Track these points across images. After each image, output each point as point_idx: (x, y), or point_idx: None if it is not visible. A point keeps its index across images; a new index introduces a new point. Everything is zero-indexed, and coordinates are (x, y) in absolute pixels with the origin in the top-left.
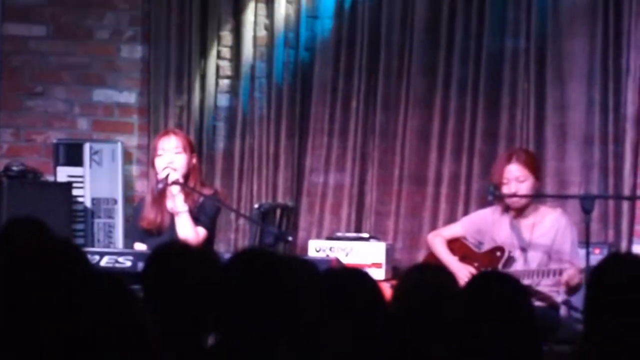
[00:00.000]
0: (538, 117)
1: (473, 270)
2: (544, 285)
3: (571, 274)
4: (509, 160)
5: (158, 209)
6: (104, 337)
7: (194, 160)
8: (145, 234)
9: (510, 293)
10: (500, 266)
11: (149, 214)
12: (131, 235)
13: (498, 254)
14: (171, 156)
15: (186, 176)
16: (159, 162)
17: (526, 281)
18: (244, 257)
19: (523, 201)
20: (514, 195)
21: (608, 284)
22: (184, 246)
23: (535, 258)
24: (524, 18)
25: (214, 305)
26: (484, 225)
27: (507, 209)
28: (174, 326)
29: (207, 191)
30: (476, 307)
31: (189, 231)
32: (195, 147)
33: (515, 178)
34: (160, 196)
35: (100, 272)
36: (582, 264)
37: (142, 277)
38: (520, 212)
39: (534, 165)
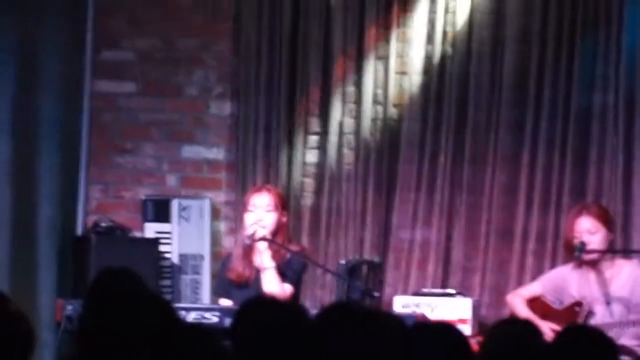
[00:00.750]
0: (626, 173)
1: (554, 327)
2: (627, 338)
3: None
4: (579, 214)
5: (246, 262)
6: None
7: (284, 219)
8: (231, 287)
9: (598, 346)
10: (580, 320)
11: (238, 267)
12: (217, 289)
13: (577, 309)
14: (261, 213)
15: (274, 233)
16: (249, 218)
17: (608, 334)
18: (333, 311)
19: (598, 254)
20: (601, 251)
21: None
22: (272, 300)
23: (615, 311)
24: (613, 73)
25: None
26: (561, 281)
27: (582, 263)
28: None
29: (294, 248)
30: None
31: (275, 287)
32: (286, 204)
33: (587, 230)
34: (248, 250)
35: (192, 325)
36: None
37: (231, 331)
38: (595, 265)
39: (606, 217)
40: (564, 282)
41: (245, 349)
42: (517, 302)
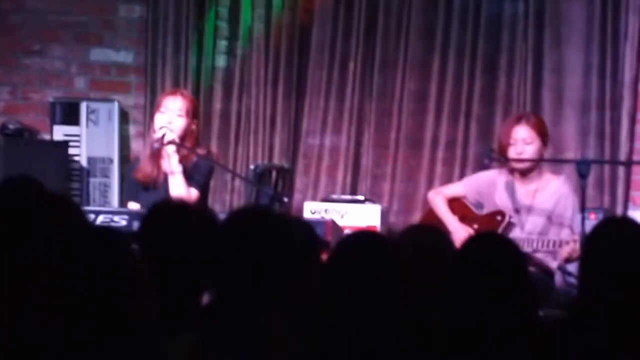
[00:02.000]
0: (535, 81)
1: (471, 232)
2: (540, 251)
3: (570, 249)
4: (517, 122)
5: (154, 163)
6: (103, 292)
7: (194, 126)
8: (139, 190)
9: (506, 256)
10: (500, 230)
11: (146, 167)
12: (125, 192)
13: (498, 218)
14: (172, 116)
15: (182, 138)
16: (159, 119)
17: (525, 248)
18: (242, 215)
19: (527, 164)
20: (511, 159)
21: (603, 248)
22: (180, 204)
23: (536, 223)
24: None
25: (211, 263)
26: (486, 187)
27: (511, 171)
28: (169, 283)
29: (200, 151)
30: (471, 268)
31: (182, 191)
32: (198, 113)
33: (522, 139)
34: (156, 152)
35: (99, 227)
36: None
37: (139, 234)
38: (524, 176)
39: (543, 129)
40: (488, 187)
41: (153, 252)
42: (438, 200)
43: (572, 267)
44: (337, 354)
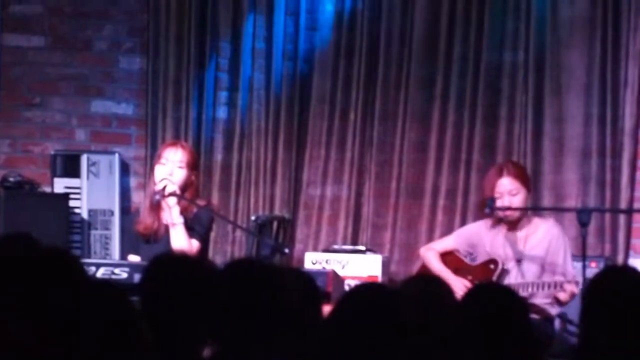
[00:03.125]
0: (536, 130)
1: (467, 283)
2: (539, 297)
3: (568, 293)
4: (500, 174)
5: (155, 216)
6: (102, 346)
7: (194, 178)
8: (140, 242)
9: (508, 305)
10: (494, 278)
11: (147, 220)
12: (125, 245)
13: (492, 266)
14: (173, 168)
15: (182, 190)
16: (159, 171)
17: (522, 294)
18: (237, 267)
19: (517, 214)
20: (512, 208)
21: (604, 297)
22: (181, 257)
23: (529, 270)
24: (523, 30)
25: (210, 316)
26: (476, 237)
27: (499, 221)
28: (170, 336)
29: (200, 202)
30: (474, 319)
31: (183, 243)
32: (198, 164)
33: (508, 192)
34: (157, 205)
35: (99, 281)
36: (574, 274)
37: (140, 287)
38: (513, 225)
39: (525, 177)
40: (479, 238)
41: (154, 305)
42: (430, 256)
43: (572, 315)
44: None
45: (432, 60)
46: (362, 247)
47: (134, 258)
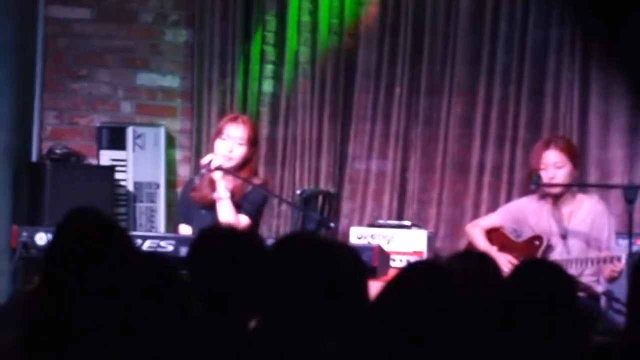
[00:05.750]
0: (582, 106)
1: (512, 259)
2: (585, 275)
3: (612, 269)
4: (547, 146)
5: (212, 187)
6: (153, 319)
7: (253, 154)
8: (193, 210)
9: (555, 282)
10: (539, 255)
11: (203, 189)
12: (177, 215)
13: (536, 242)
14: (232, 145)
15: (240, 166)
16: (220, 146)
17: (569, 271)
18: (290, 242)
19: (561, 188)
20: (556, 184)
21: None
22: (230, 230)
23: (574, 246)
24: (570, 5)
25: (258, 289)
26: (522, 214)
27: (544, 196)
28: (217, 309)
29: (256, 181)
30: (521, 295)
31: (230, 217)
32: (257, 140)
33: (553, 164)
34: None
35: (149, 253)
36: (618, 250)
37: (188, 260)
38: (557, 200)
39: (573, 152)
40: (524, 214)
41: (202, 278)
42: (476, 233)
43: (618, 292)
44: None
45: (478, 35)
46: (408, 222)
47: (185, 228)
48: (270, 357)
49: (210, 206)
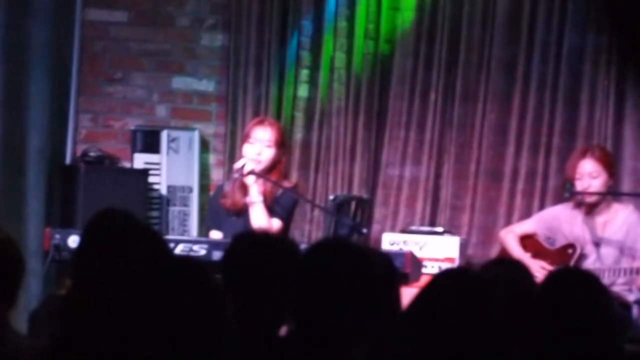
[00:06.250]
0: (617, 114)
1: (546, 265)
2: (617, 284)
3: None
4: (583, 156)
5: (243, 191)
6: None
7: (282, 156)
8: (223, 216)
9: (589, 291)
10: (572, 263)
11: (235, 195)
12: (208, 220)
13: (570, 251)
14: (261, 147)
15: (270, 169)
16: (248, 150)
17: (602, 280)
18: (323, 247)
19: (596, 197)
20: (590, 192)
21: None
22: (264, 234)
23: (608, 255)
24: (607, 14)
25: (292, 295)
26: (556, 222)
27: (579, 205)
28: (250, 315)
29: (287, 184)
30: (554, 303)
31: (262, 221)
32: (286, 142)
33: (589, 174)
34: (242, 182)
35: (184, 258)
36: None
37: (222, 264)
38: (592, 209)
39: (609, 162)
40: (558, 222)
41: (236, 283)
42: (510, 239)
43: None
44: None
45: (514, 42)
46: (440, 229)
47: (216, 234)
48: None
49: (241, 212)
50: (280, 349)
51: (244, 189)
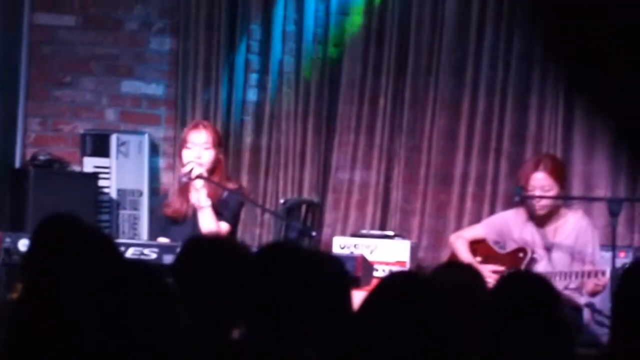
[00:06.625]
0: (566, 119)
1: (497, 268)
2: (568, 288)
3: (595, 283)
4: (535, 168)
5: (183, 198)
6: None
7: (221, 156)
8: (168, 223)
9: (541, 294)
10: (523, 267)
11: (175, 203)
12: (154, 228)
13: (521, 255)
14: (199, 151)
15: (212, 170)
16: (187, 155)
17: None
18: (273, 250)
19: (547, 209)
20: (540, 196)
21: (636, 288)
22: (215, 238)
23: (559, 259)
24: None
25: (243, 298)
26: (505, 227)
27: (531, 216)
28: (202, 318)
29: (231, 186)
30: (506, 306)
31: (211, 225)
32: (223, 141)
33: (541, 187)
34: (185, 187)
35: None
36: (603, 265)
37: (174, 267)
38: (543, 218)
39: (560, 175)
40: (507, 227)
41: (188, 286)
42: (459, 244)
43: (600, 304)
44: None
45: (462, 47)
46: (391, 233)
47: (163, 240)
48: None
49: (185, 218)
50: (233, 352)
51: (185, 196)
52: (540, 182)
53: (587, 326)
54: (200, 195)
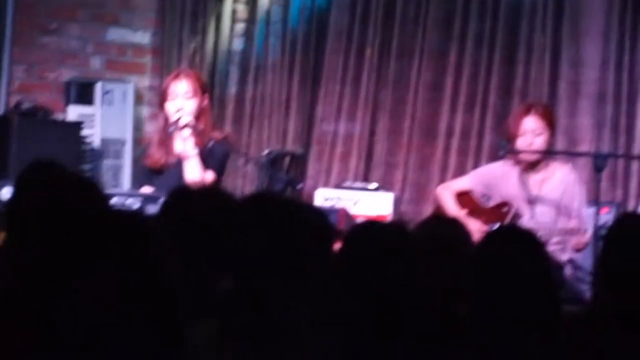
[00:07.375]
0: (552, 73)
1: (482, 227)
2: (551, 244)
3: (579, 239)
4: (527, 112)
5: (164, 150)
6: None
7: (205, 102)
8: (150, 173)
9: (527, 249)
10: (507, 221)
11: (155, 154)
12: (137, 178)
13: (504, 209)
14: (182, 101)
15: (197, 118)
16: (170, 107)
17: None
18: (256, 200)
19: (537, 155)
20: (525, 151)
21: (620, 244)
22: (201, 188)
23: (543, 213)
24: None
25: (229, 249)
26: (493, 179)
27: (518, 162)
28: (189, 269)
29: (217, 135)
30: (492, 262)
31: (197, 175)
32: (206, 87)
33: (532, 131)
34: (168, 138)
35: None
36: (587, 221)
37: (159, 218)
38: (531, 167)
39: (552, 120)
40: (495, 179)
41: (173, 236)
42: (446, 196)
43: (582, 261)
44: (355, 345)
45: None
46: (374, 185)
47: (147, 190)
48: (243, 317)
49: (166, 167)
50: (219, 304)
51: (166, 146)
52: (532, 126)
53: (569, 283)
54: (187, 144)
